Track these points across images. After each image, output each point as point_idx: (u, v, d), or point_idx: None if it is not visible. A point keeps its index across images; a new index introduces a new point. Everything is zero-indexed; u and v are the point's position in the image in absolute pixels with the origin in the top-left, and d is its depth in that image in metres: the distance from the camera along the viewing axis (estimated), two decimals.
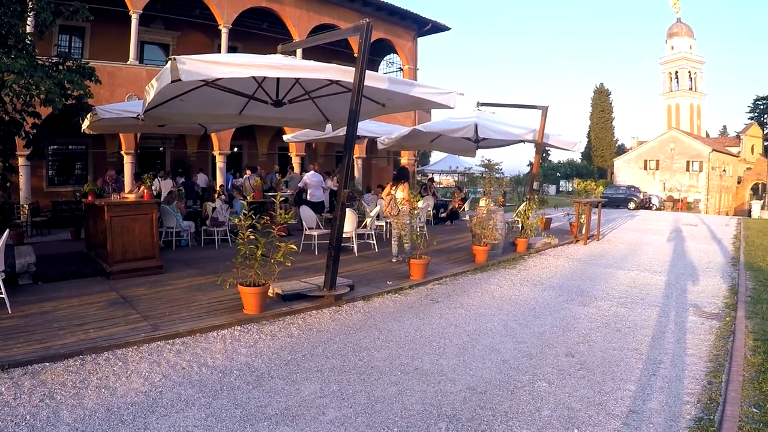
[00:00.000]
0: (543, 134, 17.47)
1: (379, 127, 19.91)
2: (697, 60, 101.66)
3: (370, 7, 31.18)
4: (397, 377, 6.26)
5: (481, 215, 14.27)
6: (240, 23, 26.44)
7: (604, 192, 44.96)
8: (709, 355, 7.64)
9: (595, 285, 12.25)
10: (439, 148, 22.77)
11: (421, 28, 35.55)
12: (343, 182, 9.50)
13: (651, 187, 72.72)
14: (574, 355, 7.42)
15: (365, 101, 11.19)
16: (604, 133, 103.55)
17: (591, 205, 20.03)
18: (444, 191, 37.36)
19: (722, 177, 76.74)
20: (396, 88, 10.29)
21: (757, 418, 5.53)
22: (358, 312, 9.08)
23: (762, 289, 12.15)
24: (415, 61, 35.71)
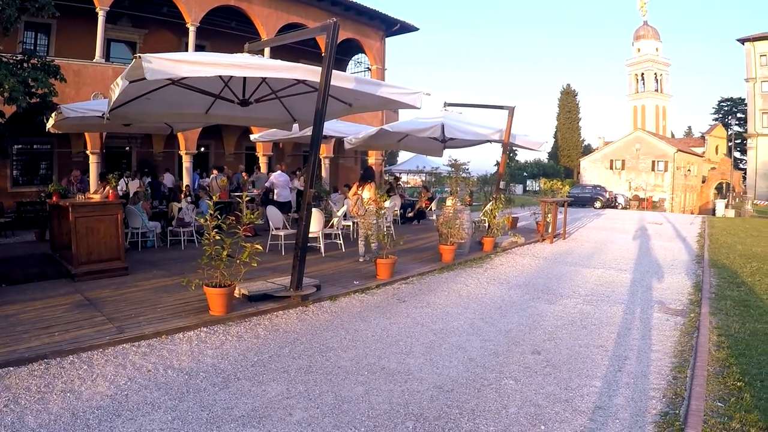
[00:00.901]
0: (509, 134, 17.60)
1: (347, 127, 19.91)
2: (663, 62, 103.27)
3: (338, 6, 31.19)
4: (364, 377, 6.27)
5: (448, 215, 14.31)
6: (208, 22, 26.27)
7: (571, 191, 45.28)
8: (674, 351, 7.75)
9: (561, 283, 12.35)
10: (406, 147, 22.83)
11: (389, 28, 35.63)
12: (308, 182, 9.49)
13: (617, 187, 73.60)
14: (540, 352, 7.48)
15: (332, 101, 11.20)
16: (570, 133, 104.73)
17: (557, 204, 20.20)
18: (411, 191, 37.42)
19: (687, 176, 77.92)
20: (362, 88, 10.31)
21: (722, 412, 5.62)
22: (324, 312, 9.07)
23: (726, 286, 12.37)
24: (383, 61, 35.76)
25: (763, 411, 5.62)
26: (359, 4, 32.25)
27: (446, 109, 18.60)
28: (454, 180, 16.00)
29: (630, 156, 78.64)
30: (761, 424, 5.34)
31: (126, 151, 30.40)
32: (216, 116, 13.53)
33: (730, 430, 5.25)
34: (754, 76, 76.86)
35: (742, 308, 10.27)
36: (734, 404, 5.80)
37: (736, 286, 12.43)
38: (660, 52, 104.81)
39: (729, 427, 5.29)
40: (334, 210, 16.99)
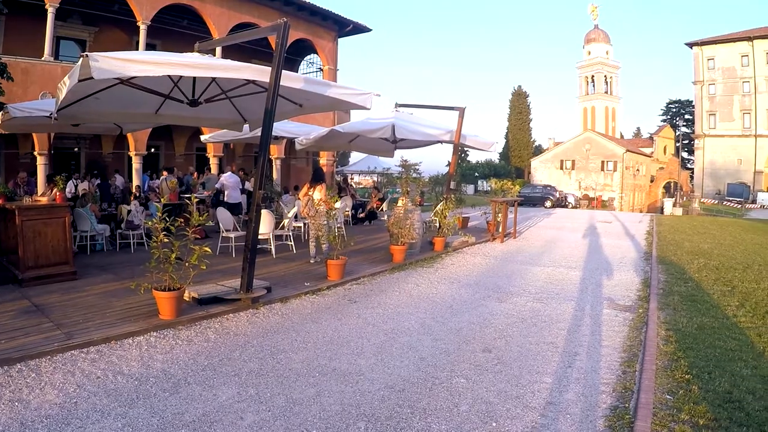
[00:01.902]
0: (460, 135, 17.71)
1: (298, 128, 19.82)
2: (612, 65, 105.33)
3: (291, 6, 31.16)
4: (315, 379, 6.26)
5: (399, 215, 14.36)
6: (159, 20, 26.01)
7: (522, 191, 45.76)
8: (624, 346, 7.90)
9: (512, 281, 12.48)
10: (357, 148, 22.80)
11: (342, 28, 35.67)
12: (257, 183, 9.45)
13: (567, 186, 74.59)
14: (491, 350, 7.55)
15: (283, 101, 11.18)
16: (521, 134, 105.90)
17: (507, 203, 20.37)
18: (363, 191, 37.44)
19: (636, 176, 79.31)
20: (312, 88, 10.28)
21: (671, 405, 5.74)
22: (275, 314, 9.03)
23: (673, 282, 12.62)
24: (336, 61, 35.76)
25: (711, 402, 5.76)
26: (312, 5, 32.22)
27: (397, 109, 18.61)
28: (404, 180, 16.05)
29: (580, 156, 79.81)
30: (709, 415, 5.46)
31: (75, 152, 30.01)
32: (166, 116, 13.41)
33: (679, 421, 5.35)
34: (701, 79, 79.08)
35: (689, 303, 10.51)
36: (683, 397, 5.93)
37: (683, 282, 12.69)
38: (610, 55, 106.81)
39: (678, 419, 5.40)
40: (285, 211, 16.94)
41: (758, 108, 74.94)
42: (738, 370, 6.79)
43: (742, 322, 9.24)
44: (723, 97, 78.53)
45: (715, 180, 78.75)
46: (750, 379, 6.52)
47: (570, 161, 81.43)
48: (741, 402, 5.80)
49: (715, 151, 79.44)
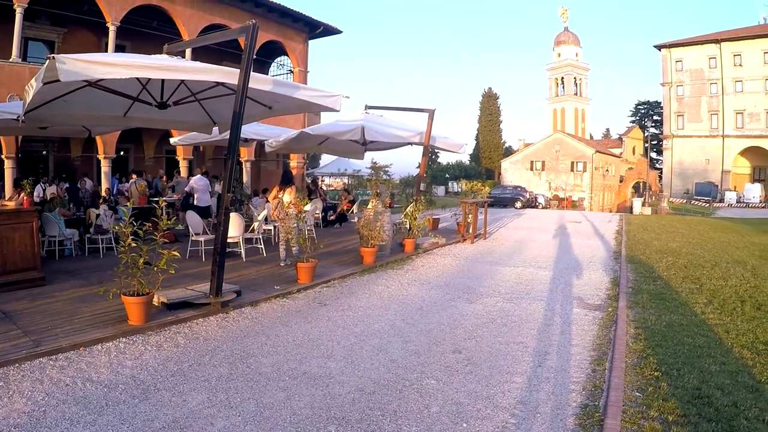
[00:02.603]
0: (430, 137, 17.73)
1: (268, 130, 19.78)
2: (582, 67, 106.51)
3: (262, 8, 31.18)
4: (286, 382, 6.25)
5: (369, 217, 14.37)
6: (129, 21, 25.82)
7: (492, 192, 46.00)
8: (593, 345, 8.00)
9: (482, 282, 12.54)
10: (327, 150, 22.76)
11: (312, 30, 35.73)
12: (226, 186, 9.42)
13: (537, 187, 75.08)
14: (461, 351, 7.59)
15: (252, 104, 11.16)
16: (492, 135, 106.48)
17: (478, 205, 20.43)
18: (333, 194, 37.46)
19: (605, 176, 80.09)
20: (281, 90, 10.25)
21: (640, 402, 5.83)
22: (245, 318, 9.00)
23: (642, 281, 12.79)
24: (306, 63, 35.79)
25: (679, 399, 5.85)
26: (283, 6, 32.23)
27: (367, 111, 18.59)
28: (374, 182, 16.06)
29: (550, 157, 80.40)
30: (678, 411, 5.55)
31: (43, 155, 29.70)
32: (134, 119, 13.27)
33: (649, 418, 5.42)
34: (669, 80, 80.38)
35: (658, 301, 10.67)
36: (652, 393, 6.02)
37: (652, 280, 12.87)
38: (580, 57, 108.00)
39: (647, 416, 5.47)
40: (254, 214, 16.87)
41: (726, 109, 76.24)
42: (706, 367, 6.90)
43: (710, 319, 9.41)
44: (691, 99, 79.80)
45: (683, 180, 79.84)
46: (718, 375, 6.63)
47: (540, 162, 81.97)
48: (710, 398, 5.90)
49: (683, 151, 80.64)
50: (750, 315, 9.83)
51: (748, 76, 74.62)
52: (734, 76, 75.59)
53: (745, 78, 74.76)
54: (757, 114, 73.85)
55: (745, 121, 75.21)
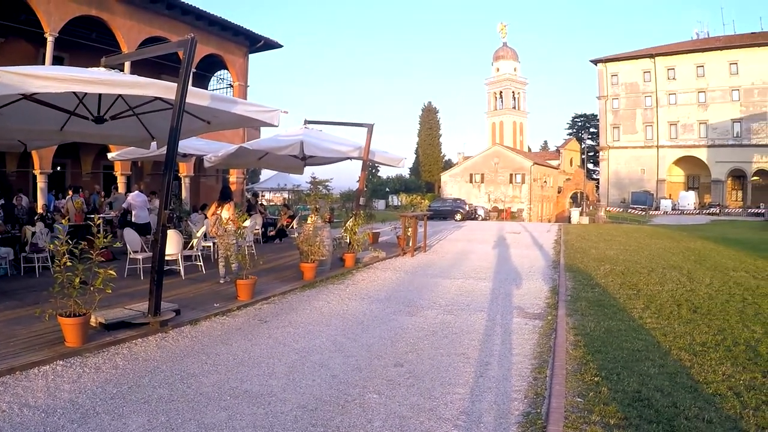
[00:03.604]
0: (369, 151, 17.77)
1: (207, 145, 19.62)
2: (520, 81, 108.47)
3: (203, 21, 30.91)
4: (227, 402, 6.19)
5: (308, 232, 14.34)
6: (68, 32, 25.10)
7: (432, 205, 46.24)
8: (534, 353, 8.13)
9: (423, 295, 12.63)
10: (267, 165, 22.72)
11: (253, 44, 35.57)
12: (163, 203, 9.32)
13: (477, 199, 75.70)
14: (402, 364, 7.62)
15: (190, 118, 11.08)
16: (431, 149, 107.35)
17: (417, 218, 20.56)
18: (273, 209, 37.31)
19: (543, 187, 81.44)
20: (218, 105, 10.16)
21: (582, 407, 5.92)
22: (185, 337, 8.87)
23: (581, 288, 13.03)
24: (246, 77, 35.59)
25: (620, 402, 5.98)
26: (223, 20, 32.00)
27: (307, 126, 18.60)
28: (313, 197, 16.05)
29: (489, 170, 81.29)
30: (620, 414, 5.67)
31: None
32: (71, 133, 13.05)
33: (591, 423, 5.52)
34: (605, 94, 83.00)
35: (596, 308, 10.89)
36: (593, 399, 6.12)
37: (590, 288, 13.12)
38: (518, 71, 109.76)
39: (589, 421, 5.56)
40: (193, 231, 16.71)
41: (660, 120, 79.37)
42: (645, 370, 7.08)
43: (647, 324, 9.65)
44: (626, 111, 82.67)
45: (619, 189, 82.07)
46: (657, 377, 6.81)
47: (479, 175, 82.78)
48: (650, 400, 6.05)
49: (619, 161, 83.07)
50: (686, 318, 10.16)
51: (681, 89, 77.63)
52: (668, 89, 78.63)
53: (679, 91, 77.80)
54: (690, 125, 76.94)
55: (678, 132, 78.20)
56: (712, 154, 75.51)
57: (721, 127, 75.02)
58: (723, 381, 6.77)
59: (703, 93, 76.47)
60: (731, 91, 74.49)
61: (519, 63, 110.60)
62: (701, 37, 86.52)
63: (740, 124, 74.06)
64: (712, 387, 6.53)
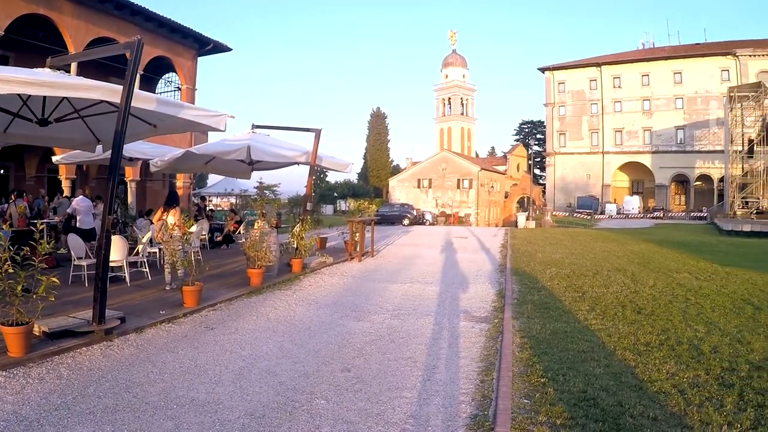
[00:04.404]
0: (316, 156, 17.75)
1: (153, 149, 19.39)
2: (469, 88, 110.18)
3: (152, 22, 30.63)
4: (173, 411, 6.11)
5: (255, 238, 14.26)
6: (14, 31, 24.66)
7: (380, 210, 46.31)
8: (481, 356, 8.20)
9: (370, 300, 12.67)
10: (214, 170, 22.52)
11: (202, 47, 35.42)
12: (107, 208, 9.18)
13: (424, 204, 76.35)
14: (350, 369, 7.62)
15: (136, 122, 10.95)
16: (380, 154, 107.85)
17: (365, 223, 20.59)
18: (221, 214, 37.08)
19: (491, 193, 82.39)
20: (164, 109, 10.03)
21: (529, 408, 6.00)
22: (130, 345, 8.71)
23: (527, 291, 13.23)
24: (194, 80, 35.34)
25: (566, 402, 6.08)
26: (173, 21, 31.81)
27: (254, 131, 18.49)
28: (259, 202, 15.98)
29: (437, 175, 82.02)
30: (566, 414, 5.76)
31: None
32: (15, 136, 12.74)
33: (538, 423, 5.59)
34: (552, 101, 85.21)
35: (542, 310, 11.07)
36: (539, 399, 6.21)
37: (536, 291, 13.32)
38: (467, 78, 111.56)
39: (536, 421, 5.64)
40: (139, 236, 16.50)
41: (605, 127, 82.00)
42: (591, 370, 7.22)
43: (593, 325, 9.83)
44: (572, 118, 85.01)
45: (565, 194, 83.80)
46: (602, 377, 6.94)
47: (427, 180, 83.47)
48: (595, 399, 6.17)
49: (565, 167, 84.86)
50: (631, 319, 10.40)
51: (626, 97, 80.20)
52: (614, 97, 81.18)
53: (624, 99, 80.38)
54: (635, 132, 79.43)
55: (623, 139, 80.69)
56: (656, 160, 77.89)
57: (665, 134, 77.57)
58: (667, 379, 6.95)
59: (648, 101, 79.27)
60: (675, 99, 77.49)
61: (468, 70, 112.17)
62: (647, 47, 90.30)
63: (683, 131, 76.86)
64: (657, 385, 6.71)
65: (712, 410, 5.97)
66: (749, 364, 7.72)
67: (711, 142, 74.44)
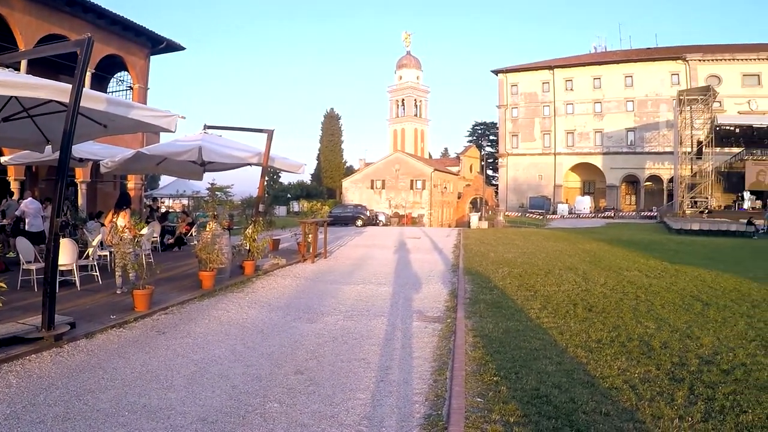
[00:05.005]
0: (268, 157, 17.67)
1: (104, 150, 19.09)
2: (422, 89, 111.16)
3: (105, 19, 30.10)
4: (125, 418, 6.03)
5: (206, 240, 14.15)
6: None
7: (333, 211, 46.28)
8: (434, 356, 8.27)
9: (323, 301, 12.68)
10: (166, 171, 22.32)
11: (155, 45, 34.98)
12: (56, 210, 9.04)
13: (378, 205, 76.65)
14: (303, 372, 7.61)
15: (86, 122, 10.79)
16: (333, 155, 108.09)
17: (318, 224, 20.58)
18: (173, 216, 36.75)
19: (444, 193, 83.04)
20: (114, 109, 9.87)
21: (482, 406, 6.05)
22: (80, 352, 8.56)
23: (479, 291, 13.35)
24: (146, 79, 34.91)
25: (519, 400, 6.16)
26: (126, 19, 31.26)
27: (206, 131, 18.33)
28: (211, 204, 15.87)
29: (390, 176, 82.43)
30: (519, 412, 5.84)
31: None
32: None
33: (491, 422, 5.65)
34: (505, 103, 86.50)
35: (494, 309, 11.19)
36: (493, 398, 6.28)
37: (489, 290, 13.45)
38: (420, 80, 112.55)
39: (490, 420, 5.70)
40: (89, 239, 16.27)
41: (557, 129, 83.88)
42: (543, 368, 7.33)
43: (545, 323, 10.00)
44: (525, 120, 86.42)
45: (518, 194, 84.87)
46: (555, 374, 7.05)
47: (380, 181, 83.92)
48: (548, 396, 6.26)
49: (517, 168, 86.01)
50: (582, 316, 10.58)
51: (578, 100, 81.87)
52: (566, 99, 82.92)
53: (576, 101, 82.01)
54: (587, 133, 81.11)
55: (575, 140, 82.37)
56: (607, 161, 79.49)
57: (615, 135, 79.32)
58: (618, 375, 7.09)
59: (600, 103, 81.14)
60: (626, 102, 79.56)
61: (422, 71, 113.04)
62: (599, 51, 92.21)
63: (634, 133, 78.71)
64: (608, 381, 6.84)
65: (663, 404, 6.12)
66: (699, 358, 7.95)
67: (661, 143, 76.29)
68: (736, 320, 10.63)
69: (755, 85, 72.41)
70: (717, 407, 6.12)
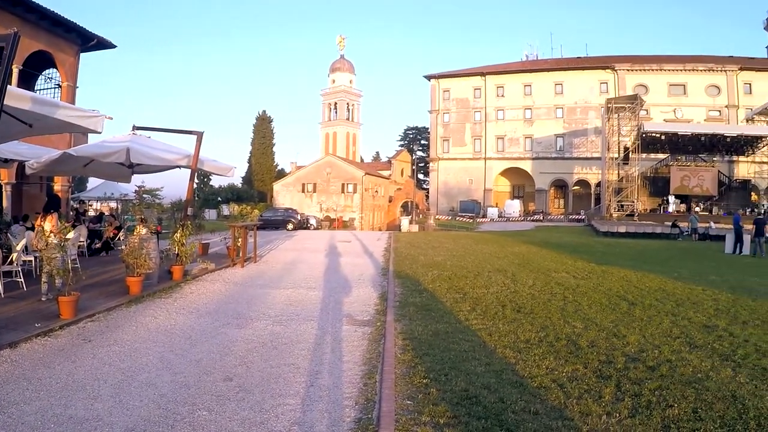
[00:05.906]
0: (198, 159, 17.49)
1: (30, 150, 18.60)
2: (355, 93, 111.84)
3: (34, 14, 29.12)
4: (51, 430, 5.88)
5: (133, 244, 13.93)
6: None
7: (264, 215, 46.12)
8: (364, 359, 8.30)
9: (252, 306, 12.63)
10: (94, 173, 21.97)
11: (85, 43, 33.91)
12: None
13: (309, 209, 76.45)
14: (232, 378, 7.56)
15: (11, 121, 10.48)
16: (264, 158, 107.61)
17: (247, 228, 20.47)
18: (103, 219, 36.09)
19: (375, 197, 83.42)
20: (39, 109, 9.60)
21: (412, 409, 6.11)
22: (4, 362, 8.28)
23: (409, 294, 13.48)
24: (76, 78, 33.99)
25: (449, 402, 6.23)
26: (56, 14, 30.29)
27: (134, 132, 18.03)
28: (138, 207, 15.64)
29: (321, 179, 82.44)
30: (449, 413, 5.91)
31: None
32: None
33: (421, 424, 5.71)
34: (437, 108, 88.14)
35: (424, 312, 11.29)
36: (423, 400, 6.34)
37: (418, 293, 13.57)
38: (353, 84, 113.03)
39: (420, 422, 5.75)
40: (13, 244, 15.89)
41: (488, 134, 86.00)
42: (473, 369, 7.43)
43: (474, 325, 10.14)
44: (456, 125, 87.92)
45: (448, 198, 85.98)
46: (484, 375, 7.15)
47: (312, 184, 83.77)
48: (477, 397, 6.35)
49: (448, 172, 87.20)
50: (511, 317, 10.79)
51: (509, 106, 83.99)
52: (497, 106, 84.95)
53: (507, 107, 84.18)
54: (517, 139, 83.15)
55: (505, 145, 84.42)
56: (537, 166, 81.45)
57: (545, 141, 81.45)
58: (547, 374, 7.25)
59: (530, 110, 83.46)
60: (556, 109, 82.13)
61: (355, 75, 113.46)
62: (531, 59, 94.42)
63: (563, 139, 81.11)
64: (537, 381, 6.98)
65: (591, 402, 6.28)
66: (625, 356, 8.19)
67: (589, 149, 78.69)
68: (661, 318, 11.01)
69: (681, 94, 75.51)
70: (644, 402, 6.32)
